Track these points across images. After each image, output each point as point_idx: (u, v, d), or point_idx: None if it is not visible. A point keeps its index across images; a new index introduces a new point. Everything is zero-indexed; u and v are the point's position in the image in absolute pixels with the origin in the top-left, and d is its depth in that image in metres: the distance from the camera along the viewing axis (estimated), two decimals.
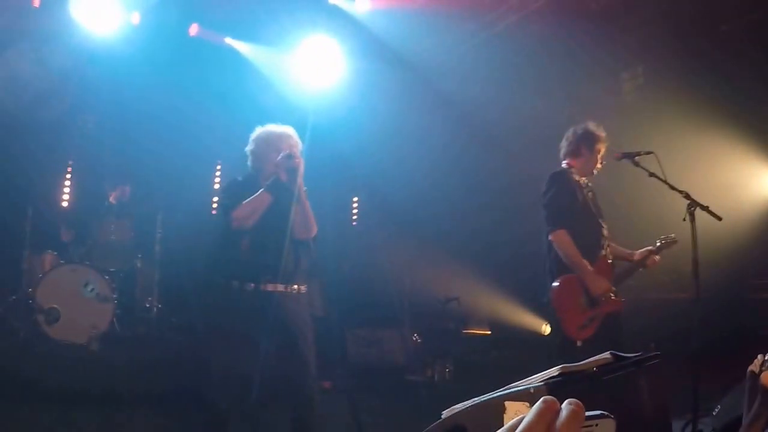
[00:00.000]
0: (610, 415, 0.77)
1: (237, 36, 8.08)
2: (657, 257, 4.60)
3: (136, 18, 7.41)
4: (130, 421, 5.32)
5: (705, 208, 4.20)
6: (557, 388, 2.30)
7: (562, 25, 7.27)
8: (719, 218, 4.22)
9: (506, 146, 7.48)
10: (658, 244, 4.61)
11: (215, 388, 3.98)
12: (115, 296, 6.63)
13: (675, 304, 5.92)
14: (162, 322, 7.45)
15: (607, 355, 2.68)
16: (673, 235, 4.61)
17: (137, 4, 7.26)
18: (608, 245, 4.61)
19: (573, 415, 0.72)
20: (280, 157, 4.00)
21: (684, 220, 4.17)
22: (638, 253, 4.66)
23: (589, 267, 4.38)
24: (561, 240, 4.41)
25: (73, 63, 7.31)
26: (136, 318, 7.30)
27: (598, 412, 0.76)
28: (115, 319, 6.67)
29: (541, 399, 0.73)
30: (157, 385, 5.79)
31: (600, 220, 4.60)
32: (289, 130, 4.24)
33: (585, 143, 4.65)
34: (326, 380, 6.31)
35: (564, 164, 4.72)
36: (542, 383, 2.33)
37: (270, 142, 4.16)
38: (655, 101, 7.20)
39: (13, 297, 6.74)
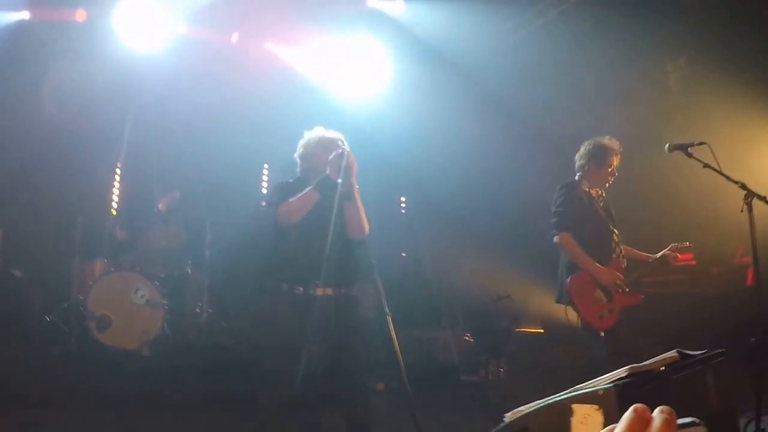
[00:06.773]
0: (701, 422, 0.77)
1: (277, 41, 8.13)
2: (677, 255, 4.87)
3: (179, 28, 7.51)
4: (181, 426, 5.38)
5: (762, 198, 4.14)
6: (626, 390, 2.27)
7: (602, 19, 7.19)
8: None
9: (551, 142, 7.40)
10: (670, 248, 4.87)
11: (266, 392, 3.97)
12: (165, 302, 6.66)
13: (731, 297, 5.81)
14: (213, 327, 7.47)
15: (673, 353, 2.64)
16: (687, 243, 4.87)
17: (179, 15, 7.35)
18: (621, 249, 4.90)
19: (666, 423, 0.70)
20: (332, 156, 3.92)
21: (741, 211, 4.11)
22: (654, 256, 4.92)
23: (593, 262, 4.66)
24: (565, 242, 4.74)
25: (118, 73, 7.43)
26: (187, 323, 7.29)
27: (689, 420, 0.76)
28: (165, 325, 6.70)
29: (632, 408, 0.71)
30: (209, 389, 5.85)
31: (611, 227, 4.89)
32: (339, 135, 4.24)
33: (596, 158, 4.91)
34: (379, 382, 6.31)
35: (577, 176, 4.98)
36: (611, 384, 2.30)
37: (321, 144, 4.14)
38: (701, 91, 7.08)
39: (65, 304, 6.82)
